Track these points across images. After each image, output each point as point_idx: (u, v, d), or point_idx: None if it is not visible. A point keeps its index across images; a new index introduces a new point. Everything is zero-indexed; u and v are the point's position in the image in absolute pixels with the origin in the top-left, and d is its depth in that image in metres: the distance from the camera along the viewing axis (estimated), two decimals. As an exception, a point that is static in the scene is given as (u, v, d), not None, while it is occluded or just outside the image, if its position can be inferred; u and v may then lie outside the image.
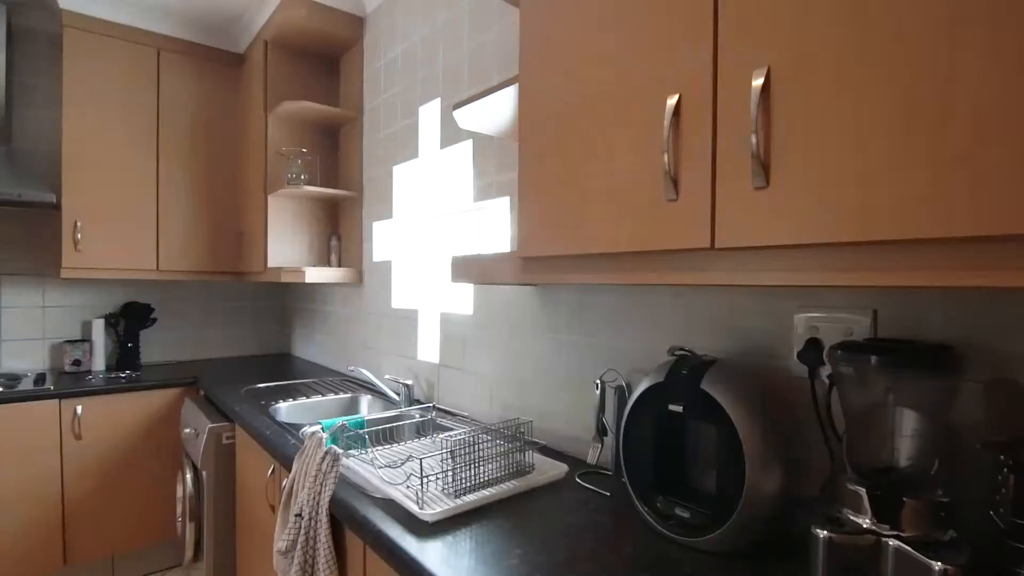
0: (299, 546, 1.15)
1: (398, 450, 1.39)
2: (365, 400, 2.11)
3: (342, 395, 2.12)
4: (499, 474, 1.17)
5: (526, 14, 1.03)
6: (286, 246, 2.50)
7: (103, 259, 2.50)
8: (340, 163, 2.62)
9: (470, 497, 1.08)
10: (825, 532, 0.72)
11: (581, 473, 1.26)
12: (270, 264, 2.46)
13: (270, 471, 1.57)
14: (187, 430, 2.13)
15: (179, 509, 2.12)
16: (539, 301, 1.50)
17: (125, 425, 2.36)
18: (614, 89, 0.85)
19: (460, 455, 1.11)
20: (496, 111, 1.26)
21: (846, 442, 0.79)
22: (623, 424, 1.03)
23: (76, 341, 2.63)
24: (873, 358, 0.72)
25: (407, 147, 2.09)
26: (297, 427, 1.61)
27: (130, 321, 2.75)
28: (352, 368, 2.17)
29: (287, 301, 3.34)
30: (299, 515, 1.18)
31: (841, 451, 0.80)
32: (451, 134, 1.84)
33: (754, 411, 0.86)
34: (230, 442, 1.92)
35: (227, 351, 3.16)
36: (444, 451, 1.11)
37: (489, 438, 1.22)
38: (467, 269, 1.17)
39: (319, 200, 2.59)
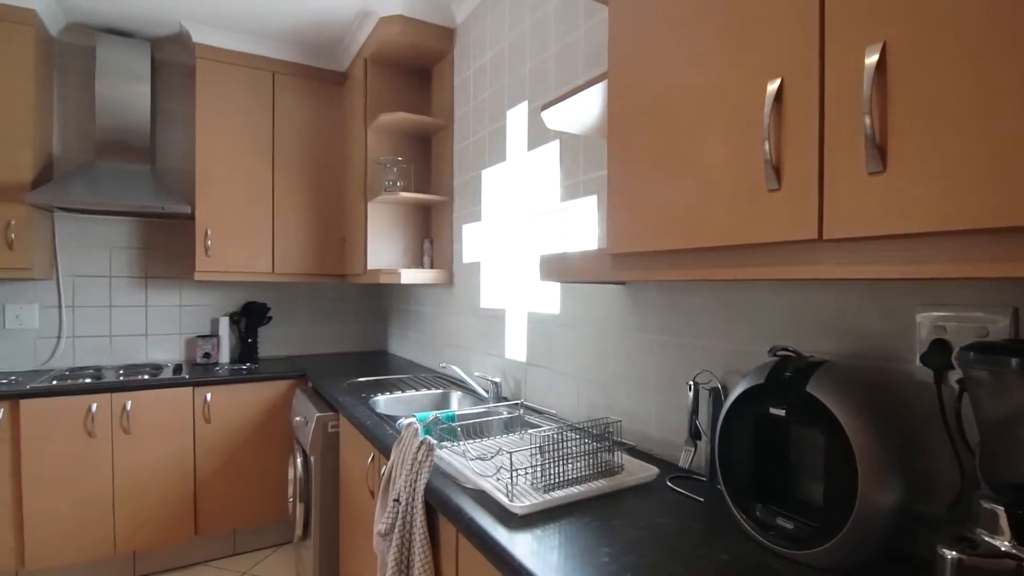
0: (397, 529, 1.22)
1: (488, 444, 1.43)
2: (455, 396, 2.18)
3: (434, 390, 2.21)
4: (587, 472, 1.17)
5: (615, 8, 1.03)
6: (383, 249, 2.66)
7: (228, 263, 2.80)
8: (432, 169, 2.74)
9: (558, 493, 1.09)
10: (955, 553, 0.65)
11: (672, 477, 1.23)
12: (369, 266, 2.62)
13: (370, 458, 1.67)
14: (298, 418, 2.33)
15: (290, 490, 2.32)
16: (627, 300, 1.48)
17: (246, 411, 2.63)
18: (708, 77, 0.83)
19: (548, 451, 1.12)
20: (584, 109, 1.26)
21: (980, 455, 0.71)
22: (719, 427, 0.99)
23: (206, 336, 2.97)
24: (1014, 360, 0.64)
25: (495, 151, 2.14)
26: (394, 418, 1.71)
27: (250, 319, 3.05)
28: (444, 365, 2.26)
29: (384, 301, 3.55)
30: (397, 500, 1.25)
31: (974, 464, 0.72)
32: (538, 136, 1.87)
33: (868, 417, 0.80)
34: (335, 430, 2.07)
35: (331, 347, 3.41)
36: (533, 447, 1.13)
37: (576, 436, 1.22)
38: (555, 267, 1.18)
39: (413, 205, 2.72)
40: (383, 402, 2.07)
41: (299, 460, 2.22)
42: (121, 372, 2.64)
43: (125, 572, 2.48)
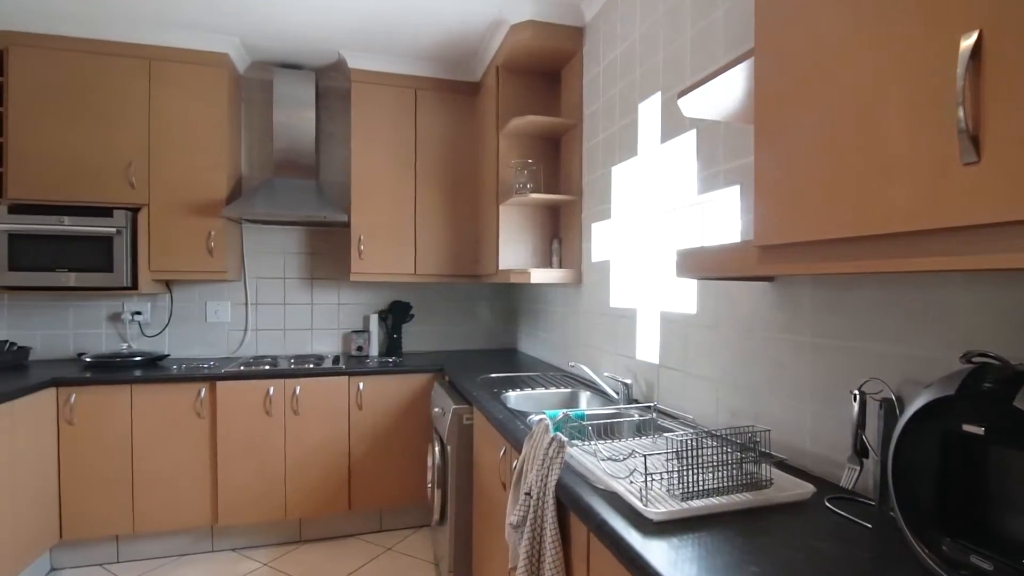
0: (528, 522, 1.24)
1: (619, 446, 1.39)
2: (584, 396, 2.17)
3: (563, 389, 2.21)
4: (729, 483, 1.09)
5: (762, -19, 0.94)
6: (514, 250, 2.73)
7: (377, 265, 3.08)
8: (561, 169, 2.75)
9: (696, 503, 1.02)
10: None
11: (832, 497, 1.09)
12: (501, 267, 2.71)
13: (502, 452, 1.72)
14: (436, 409, 2.48)
15: (429, 476, 2.48)
16: (774, 298, 1.35)
17: (391, 401, 2.87)
18: (881, 38, 0.72)
19: (686, 457, 1.06)
20: (725, 93, 1.18)
21: None
22: (893, 445, 0.86)
23: (359, 331, 3.29)
24: None
25: (626, 146, 2.09)
26: (524, 414, 1.74)
27: (395, 316, 3.33)
28: (572, 364, 2.26)
29: (515, 301, 3.65)
30: (528, 494, 1.27)
31: None
32: (673, 127, 1.78)
33: (1110, 443, 0.63)
34: (469, 423, 2.17)
35: (465, 344, 3.59)
36: (669, 451, 1.07)
37: (716, 444, 1.14)
38: (694, 262, 1.12)
39: (542, 206, 2.76)
40: (514, 398, 2.12)
41: (437, 449, 2.37)
42: (292, 361, 3.03)
43: (293, 535, 2.84)
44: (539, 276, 2.46)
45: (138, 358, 2.82)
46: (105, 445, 2.52)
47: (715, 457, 1.11)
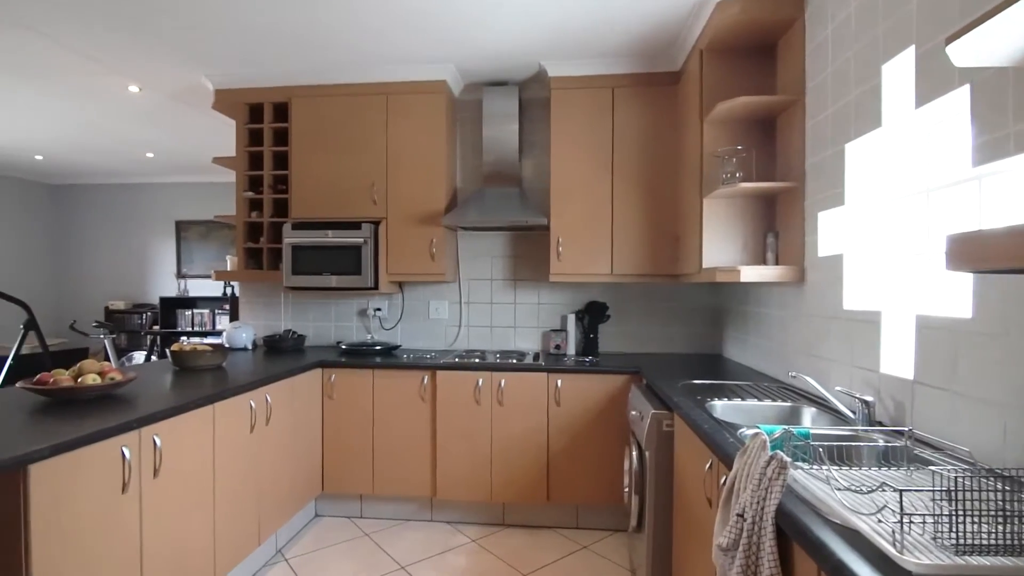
0: (741, 547, 1.11)
1: (860, 474, 1.16)
2: (808, 412, 1.88)
3: (780, 402, 1.95)
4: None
5: None
6: (720, 246, 2.52)
7: (574, 266, 3.13)
8: (777, 154, 2.44)
9: (981, 560, 0.79)
10: None
11: None
12: (705, 265, 2.52)
13: (708, 465, 1.59)
14: (633, 412, 2.42)
15: (626, 480, 2.42)
16: (1111, 300, 0.98)
17: (588, 400, 2.88)
18: None
19: (963, 499, 0.83)
20: (1020, 28, 0.89)
21: None
22: None
23: (556, 330, 3.39)
24: None
25: (864, 117, 1.76)
26: (733, 426, 1.58)
27: (592, 316, 3.35)
28: (794, 375, 1.97)
29: (719, 302, 3.36)
30: (741, 515, 1.14)
31: None
32: (931, 86, 1.44)
33: None
34: (669, 429, 2.05)
35: (662, 347, 3.43)
36: (937, 489, 0.85)
37: (1006, 487, 0.87)
38: (974, 251, 0.87)
39: (754, 196, 2.49)
40: (720, 407, 1.94)
41: (634, 453, 2.30)
42: (498, 356, 3.25)
43: (497, 517, 3.04)
44: (751, 274, 2.22)
45: (378, 347, 3.34)
46: (354, 418, 3.03)
47: (1005, 505, 0.84)
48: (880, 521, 0.91)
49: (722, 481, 1.33)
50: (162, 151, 5.41)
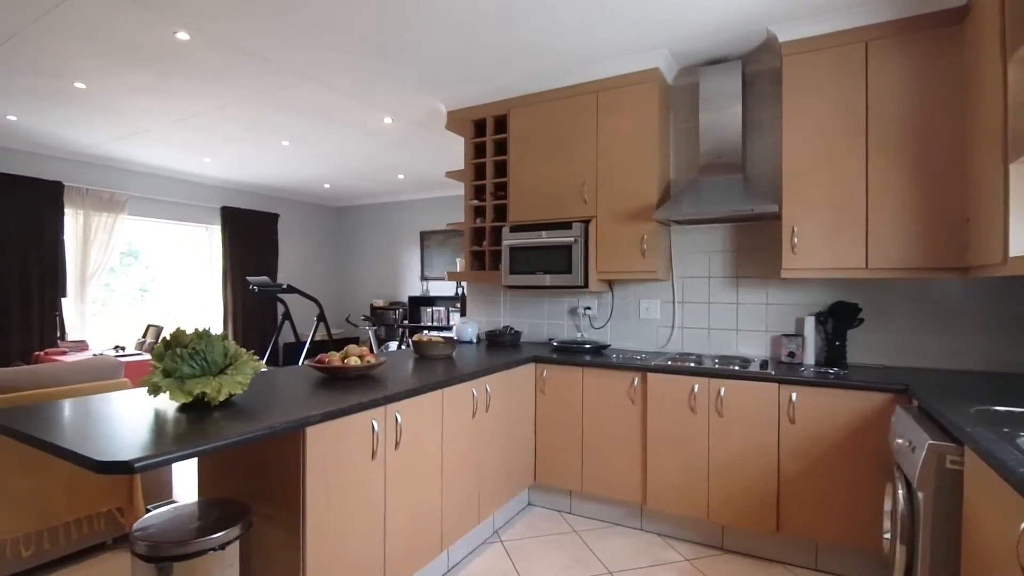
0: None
1: None
2: None
3: None
4: None
5: None
6: (1039, 227, 1.85)
7: (814, 260, 2.67)
8: None
9: None
10: None
11: None
12: (1012, 254, 1.88)
13: None
14: (899, 440, 1.93)
15: (886, 524, 1.94)
16: None
17: (833, 419, 2.41)
18: None
19: None
20: None
21: None
22: None
23: (790, 335, 2.93)
24: None
25: None
26: (1072, 475, 1.12)
27: (837, 320, 2.80)
28: None
29: (1035, 306, 2.50)
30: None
31: None
32: None
33: None
34: (956, 467, 1.57)
35: (942, 362, 2.69)
36: None
37: None
38: None
39: (1101, 156, 1.77)
40: (1044, 446, 1.41)
41: (900, 492, 1.83)
42: (716, 361, 2.96)
43: (715, 539, 2.75)
44: (1097, 264, 1.57)
45: (588, 346, 3.34)
46: (563, 414, 3.08)
47: None
48: None
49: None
50: (409, 172, 6.36)
